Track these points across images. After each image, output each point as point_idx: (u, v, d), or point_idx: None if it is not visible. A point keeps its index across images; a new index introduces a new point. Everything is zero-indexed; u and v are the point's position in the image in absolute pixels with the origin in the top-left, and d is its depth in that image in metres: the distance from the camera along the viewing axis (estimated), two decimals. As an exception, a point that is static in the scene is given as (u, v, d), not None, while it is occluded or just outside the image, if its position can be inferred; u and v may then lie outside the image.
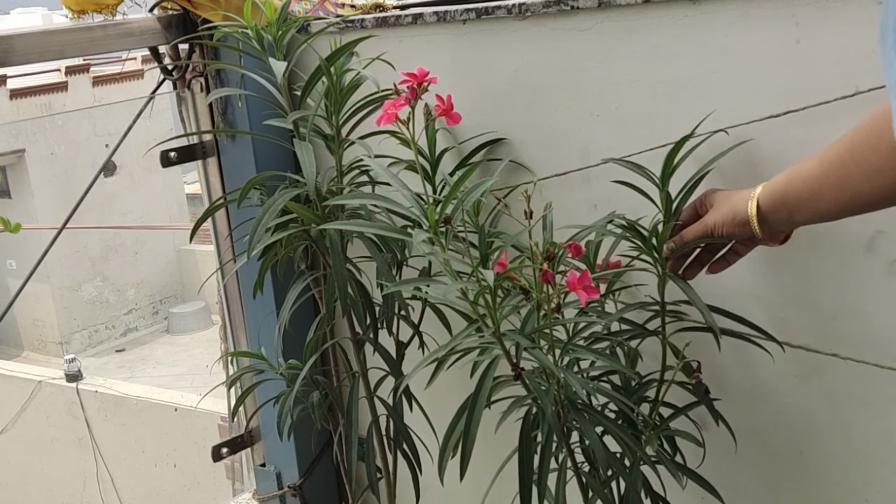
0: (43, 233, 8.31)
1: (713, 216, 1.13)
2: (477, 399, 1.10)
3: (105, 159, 2.28)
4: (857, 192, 0.96)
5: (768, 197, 1.05)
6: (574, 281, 1.03)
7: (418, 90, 1.12)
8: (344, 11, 1.65)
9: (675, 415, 1.26)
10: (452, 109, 1.16)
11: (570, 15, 1.32)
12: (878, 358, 1.19)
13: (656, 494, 1.28)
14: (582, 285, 1.03)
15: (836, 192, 0.98)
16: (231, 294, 1.87)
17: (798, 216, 1.04)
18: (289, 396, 1.52)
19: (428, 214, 1.05)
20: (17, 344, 14.86)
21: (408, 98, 1.12)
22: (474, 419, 1.09)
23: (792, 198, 1.03)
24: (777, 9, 1.14)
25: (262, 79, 1.43)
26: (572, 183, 1.40)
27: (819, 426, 1.27)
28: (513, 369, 1.11)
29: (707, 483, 1.24)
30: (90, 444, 9.25)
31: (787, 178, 1.04)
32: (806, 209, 1.02)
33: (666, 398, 1.25)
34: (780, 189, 1.04)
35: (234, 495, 2.07)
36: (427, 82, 1.13)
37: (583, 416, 1.14)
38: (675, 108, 1.26)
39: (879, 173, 0.93)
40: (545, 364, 1.10)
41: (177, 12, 1.67)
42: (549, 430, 1.12)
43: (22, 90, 13.64)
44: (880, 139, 0.92)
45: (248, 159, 1.69)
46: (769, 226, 1.07)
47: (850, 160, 0.96)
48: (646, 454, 1.19)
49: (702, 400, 1.24)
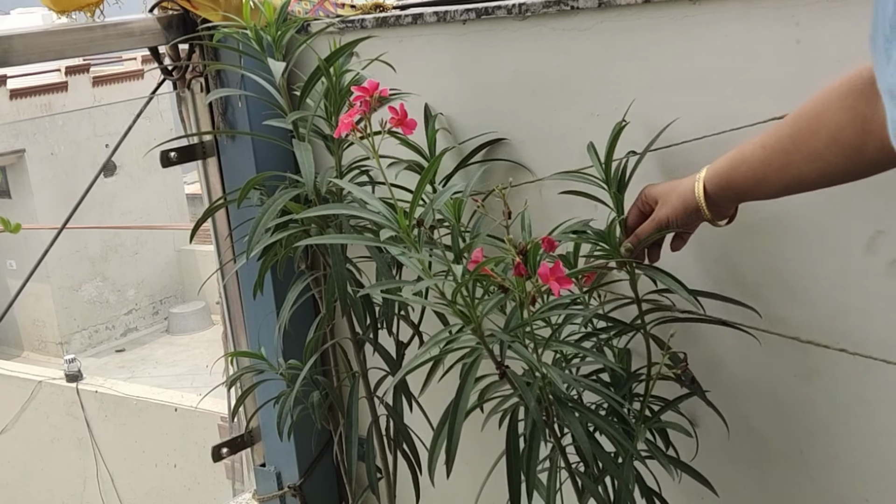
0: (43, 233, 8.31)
1: (664, 211, 1.15)
2: (459, 399, 1.10)
3: (105, 159, 2.28)
4: (799, 175, 1.02)
5: (714, 181, 1.10)
6: (546, 273, 1.04)
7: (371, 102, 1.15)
8: (344, 11, 1.65)
9: (664, 408, 1.26)
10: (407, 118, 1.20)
11: (570, 15, 1.32)
12: (880, 355, 1.19)
13: (650, 490, 1.28)
14: (554, 276, 1.04)
15: (779, 176, 1.03)
16: (231, 294, 1.87)
17: (744, 197, 1.10)
18: (289, 396, 1.52)
19: (399, 218, 1.06)
20: (17, 344, 14.86)
21: (361, 110, 1.15)
22: (457, 419, 1.09)
23: (738, 182, 1.08)
24: (777, 9, 1.14)
25: (262, 79, 1.43)
26: (572, 183, 1.40)
27: (819, 426, 1.27)
28: (497, 367, 1.11)
29: (700, 475, 1.25)
30: (90, 444, 9.25)
31: (731, 163, 1.08)
32: (752, 191, 1.08)
33: (656, 394, 1.26)
34: (725, 174, 1.08)
35: (234, 495, 2.07)
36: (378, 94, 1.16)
37: (570, 412, 1.14)
38: (675, 108, 1.26)
39: (820, 158, 0.98)
40: (527, 358, 1.10)
41: (177, 12, 1.67)
42: (532, 425, 1.13)
43: (22, 90, 13.64)
44: (821, 125, 0.97)
45: (248, 159, 1.69)
46: (717, 206, 1.11)
47: (792, 146, 1.01)
48: (636, 449, 1.20)
49: (690, 388, 1.24)
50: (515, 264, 1.05)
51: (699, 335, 1.31)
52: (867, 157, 0.94)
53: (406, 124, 1.20)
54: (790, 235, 1.22)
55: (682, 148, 1.26)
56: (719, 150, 1.21)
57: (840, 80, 0.97)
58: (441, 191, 1.13)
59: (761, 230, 1.23)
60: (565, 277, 1.04)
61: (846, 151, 0.95)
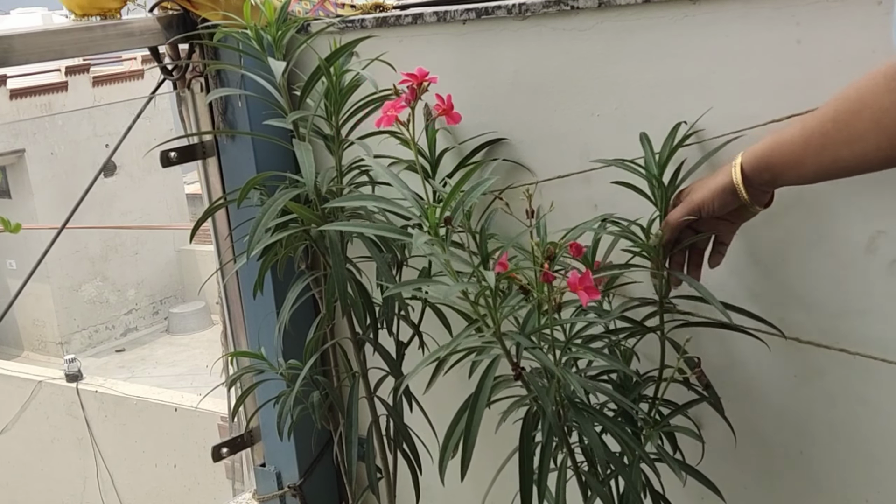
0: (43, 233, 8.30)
1: (697, 195, 1.15)
2: (478, 399, 1.10)
3: (105, 159, 2.28)
4: (837, 158, 1.01)
5: (751, 161, 1.09)
6: (576, 282, 1.03)
7: (418, 90, 1.12)
8: (344, 11, 1.65)
9: (675, 412, 1.26)
10: (453, 109, 1.16)
11: (570, 15, 1.32)
12: (881, 355, 1.19)
13: (656, 493, 1.28)
14: (583, 286, 1.03)
15: (817, 159, 1.03)
16: (231, 294, 1.87)
17: (780, 179, 1.09)
18: (289, 396, 1.52)
19: (429, 215, 1.05)
20: (17, 344, 14.87)
21: (408, 99, 1.11)
22: (475, 419, 1.09)
23: (775, 162, 1.07)
24: (778, 9, 1.14)
25: (262, 79, 1.43)
26: (572, 183, 1.40)
27: (819, 426, 1.27)
28: (513, 369, 1.10)
29: (707, 479, 1.25)
30: (90, 444, 9.25)
31: (769, 144, 1.08)
32: (789, 173, 1.07)
33: (665, 397, 1.25)
34: (763, 154, 1.08)
35: (234, 495, 2.07)
36: (427, 82, 1.13)
37: (582, 415, 1.14)
38: (676, 108, 1.26)
39: (861, 140, 0.98)
40: (545, 364, 1.10)
41: (177, 12, 1.67)
42: (549, 429, 1.12)
43: (22, 90, 13.64)
44: (864, 106, 0.97)
45: (248, 159, 1.69)
46: (754, 188, 1.11)
47: (833, 127, 1.00)
48: (645, 452, 1.19)
49: (704, 394, 1.24)
50: (543, 271, 1.05)
51: (700, 336, 1.31)
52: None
53: (451, 115, 1.17)
54: (791, 235, 1.22)
55: (682, 149, 1.25)
56: (720, 151, 1.21)
57: (887, 64, 0.96)
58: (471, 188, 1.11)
59: (761, 230, 1.23)
60: (594, 287, 1.03)
61: (889, 133, 0.95)
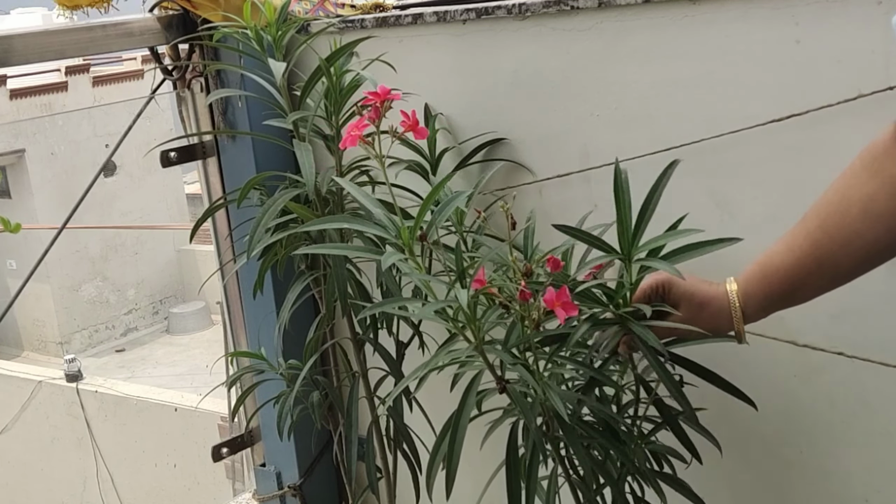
0: (43, 233, 8.30)
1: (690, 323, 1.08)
2: (461, 416, 1.08)
3: (105, 159, 2.28)
4: (837, 267, 0.98)
5: (753, 305, 1.05)
6: (552, 298, 1.01)
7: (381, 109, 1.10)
8: (344, 11, 1.65)
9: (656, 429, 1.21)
10: (418, 125, 1.14)
11: (570, 15, 1.32)
12: (879, 357, 1.19)
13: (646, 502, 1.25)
14: (560, 302, 1.01)
15: (818, 275, 0.99)
16: (231, 294, 1.87)
17: (780, 307, 1.06)
18: (289, 396, 1.52)
19: (402, 234, 1.03)
20: (17, 344, 14.86)
21: (371, 118, 1.10)
22: (458, 436, 1.07)
23: (774, 296, 1.03)
24: (777, 9, 1.14)
25: (262, 79, 1.43)
26: (572, 182, 1.40)
27: (819, 426, 1.27)
28: (497, 383, 1.08)
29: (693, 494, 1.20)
30: (90, 444, 9.25)
31: (761, 279, 1.03)
32: (789, 300, 1.04)
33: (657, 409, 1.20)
34: (762, 293, 1.04)
35: (234, 495, 2.07)
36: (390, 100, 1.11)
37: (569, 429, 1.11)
38: (675, 108, 1.26)
39: (857, 237, 0.94)
40: (528, 381, 1.08)
41: (177, 12, 1.67)
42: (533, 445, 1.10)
43: (22, 90, 13.63)
44: (850, 203, 0.94)
45: (248, 159, 1.69)
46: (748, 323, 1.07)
47: (825, 236, 0.96)
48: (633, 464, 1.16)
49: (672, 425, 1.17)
50: (520, 290, 1.03)
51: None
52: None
53: (418, 131, 1.15)
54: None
55: (683, 149, 1.26)
56: (719, 151, 1.21)
57: (856, 158, 0.95)
58: (444, 202, 1.09)
59: (761, 230, 1.22)
60: (571, 303, 1.02)
61: (883, 220, 0.93)
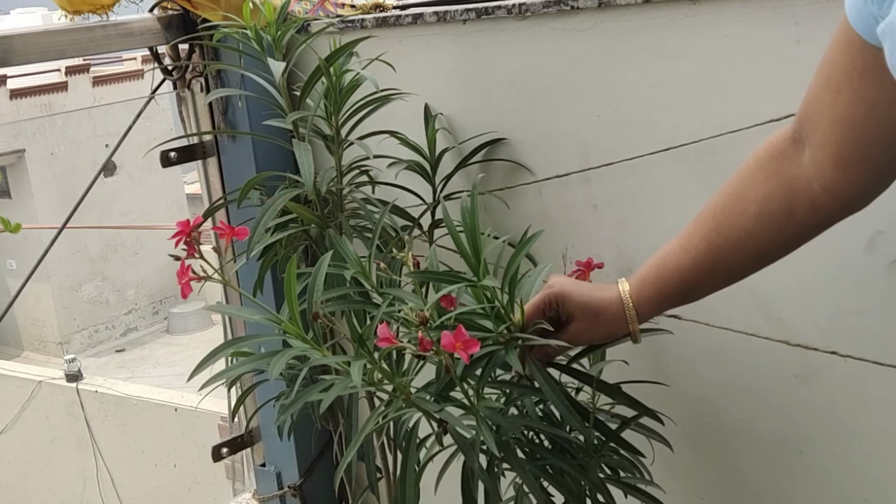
0: (43, 233, 8.29)
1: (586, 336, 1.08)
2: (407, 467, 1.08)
3: (105, 159, 2.28)
4: (730, 267, 0.99)
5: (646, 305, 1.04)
6: (450, 342, 0.95)
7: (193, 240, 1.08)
8: (344, 11, 1.65)
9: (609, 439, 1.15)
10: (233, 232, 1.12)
11: (570, 15, 1.32)
12: (878, 358, 1.19)
13: None
14: (460, 341, 0.95)
15: (711, 275, 1.00)
16: (231, 294, 1.87)
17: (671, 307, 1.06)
18: (289, 396, 1.51)
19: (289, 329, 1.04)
20: (17, 344, 14.86)
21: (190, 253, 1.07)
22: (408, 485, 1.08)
23: (668, 297, 1.04)
24: (777, 9, 1.14)
25: (262, 79, 1.43)
26: (572, 183, 1.40)
27: (819, 426, 1.27)
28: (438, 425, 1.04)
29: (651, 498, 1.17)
30: (90, 444, 9.25)
31: (656, 280, 1.03)
32: (681, 300, 1.05)
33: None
34: (656, 294, 1.03)
35: (234, 495, 2.07)
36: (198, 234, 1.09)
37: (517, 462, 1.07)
38: (675, 108, 1.26)
39: (750, 237, 0.95)
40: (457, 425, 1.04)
41: (177, 12, 1.67)
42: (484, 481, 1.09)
43: (22, 90, 13.65)
44: (747, 202, 0.94)
45: (248, 159, 1.69)
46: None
47: (719, 237, 0.97)
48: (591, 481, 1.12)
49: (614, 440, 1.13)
50: (419, 340, 0.97)
51: (697, 338, 1.31)
52: (797, 220, 0.94)
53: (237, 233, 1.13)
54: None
55: (682, 150, 1.26)
56: (720, 151, 1.21)
57: (750, 158, 0.96)
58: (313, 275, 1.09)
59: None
60: (471, 340, 0.95)
61: (777, 220, 0.94)
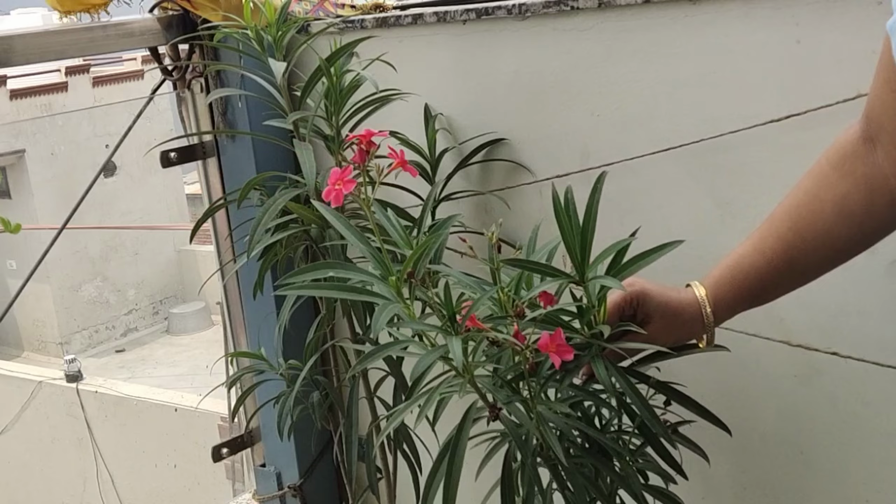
0: (43, 233, 8.30)
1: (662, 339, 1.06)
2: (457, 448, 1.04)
3: (105, 159, 2.28)
4: (806, 267, 0.98)
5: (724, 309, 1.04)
6: (547, 342, 0.98)
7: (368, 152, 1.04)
8: (344, 12, 1.65)
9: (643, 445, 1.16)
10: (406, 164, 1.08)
11: (570, 15, 1.32)
12: (878, 358, 1.19)
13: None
14: (555, 345, 0.98)
15: (789, 276, 0.99)
16: (231, 294, 1.87)
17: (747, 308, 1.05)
18: (289, 397, 1.52)
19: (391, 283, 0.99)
20: (17, 344, 14.86)
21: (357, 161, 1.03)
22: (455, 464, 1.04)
23: (744, 300, 1.03)
24: (777, 9, 1.14)
25: (262, 79, 1.43)
26: (572, 183, 1.40)
27: (819, 426, 1.27)
28: (490, 411, 1.05)
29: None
30: (90, 444, 9.25)
31: (731, 282, 1.02)
32: (757, 302, 1.04)
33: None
34: (731, 297, 1.03)
35: (234, 495, 2.07)
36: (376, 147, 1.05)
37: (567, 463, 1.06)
38: (676, 108, 1.26)
39: (829, 236, 0.95)
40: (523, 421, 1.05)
41: (177, 12, 1.67)
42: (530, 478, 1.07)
43: (22, 90, 13.64)
44: (823, 203, 0.94)
45: (248, 159, 1.69)
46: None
47: (797, 237, 0.96)
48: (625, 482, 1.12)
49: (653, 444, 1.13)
50: (514, 331, 0.99)
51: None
52: (877, 217, 0.93)
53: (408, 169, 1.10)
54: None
55: (682, 150, 1.26)
56: (719, 152, 1.21)
57: (822, 158, 0.95)
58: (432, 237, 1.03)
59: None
60: (566, 347, 0.99)
61: (857, 218, 0.93)
